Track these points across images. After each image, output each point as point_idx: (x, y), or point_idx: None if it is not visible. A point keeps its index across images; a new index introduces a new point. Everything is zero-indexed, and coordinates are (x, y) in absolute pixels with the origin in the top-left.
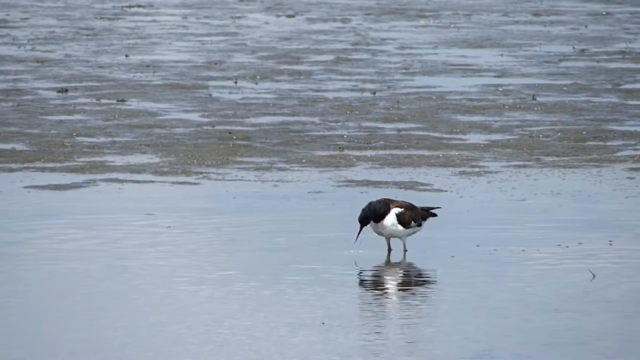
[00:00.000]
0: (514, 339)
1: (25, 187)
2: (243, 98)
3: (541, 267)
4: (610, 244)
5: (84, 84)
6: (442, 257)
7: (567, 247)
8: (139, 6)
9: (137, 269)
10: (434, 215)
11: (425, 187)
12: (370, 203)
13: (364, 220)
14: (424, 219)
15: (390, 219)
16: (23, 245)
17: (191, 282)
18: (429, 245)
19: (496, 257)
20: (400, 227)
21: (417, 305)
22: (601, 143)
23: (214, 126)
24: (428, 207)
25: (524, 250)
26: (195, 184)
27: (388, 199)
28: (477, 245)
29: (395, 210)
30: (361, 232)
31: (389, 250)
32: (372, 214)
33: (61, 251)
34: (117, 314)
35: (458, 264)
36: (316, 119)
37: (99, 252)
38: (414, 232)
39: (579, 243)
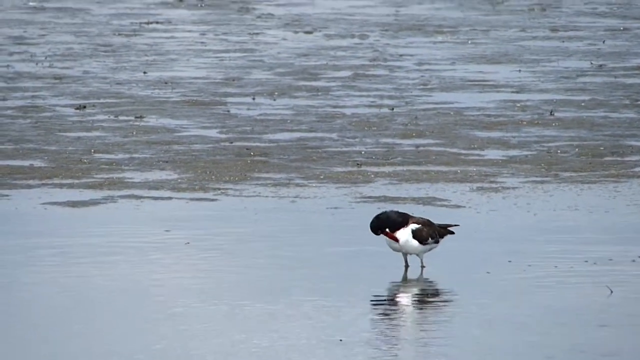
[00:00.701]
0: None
1: (43, 204)
2: (261, 114)
3: (569, 282)
4: (634, 261)
5: (102, 100)
6: (465, 273)
7: (594, 263)
8: (157, 22)
9: (156, 285)
10: (452, 232)
11: (443, 203)
12: (386, 211)
13: (375, 230)
14: (442, 236)
15: (405, 234)
16: (41, 261)
17: (209, 298)
18: (449, 260)
19: (527, 273)
20: (415, 243)
21: (435, 321)
22: (619, 158)
23: (232, 142)
24: (446, 225)
25: (556, 267)
26: (213, 200)
27: (407, 214)
28: (509, 261)
29: (412, 227)
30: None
31: (406, 266)
32: (386, 222)
33: (79, 267)
34: (130, 330)
35: (483, 280)
36: (334, 135)
37: (116, 268)
38: (431, 249)
39: (609, 259)
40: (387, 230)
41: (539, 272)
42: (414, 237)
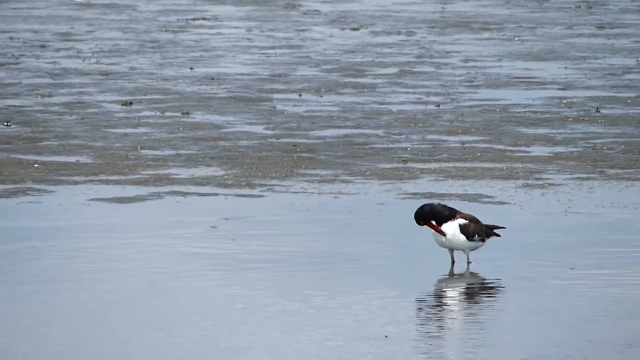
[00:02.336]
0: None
1: (89, 200)
2: (307, 111)
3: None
4: None
5: (148, 96)
6: (511, 270)
7: None
8: (203, 19)
9: (202, 281)
10: (498, 235)
11: (489, 200)
12: (432, 203)
13: (419, 220)
14: (488, 236)
15: (452, 228)
16: (86, 258)
17: (257, 294)
18: (495, 257)
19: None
20: (462, 238)
21: (481, 316)
22: None
23: (278, 139)
24: (493, 225)
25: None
26: (259, 196)
27: (454, 209)
28: (572, 268)
29: (459, 221)
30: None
31: (452, 262)
32: (431, 214)
33: (125, 263)
34: (174, 325)
35: (530, 276)
36: (380, 132)
37: (163, 264)
38: (477, 247)
39: None
40: (433, 222)
41: (586, 268)
42: (462, 232)
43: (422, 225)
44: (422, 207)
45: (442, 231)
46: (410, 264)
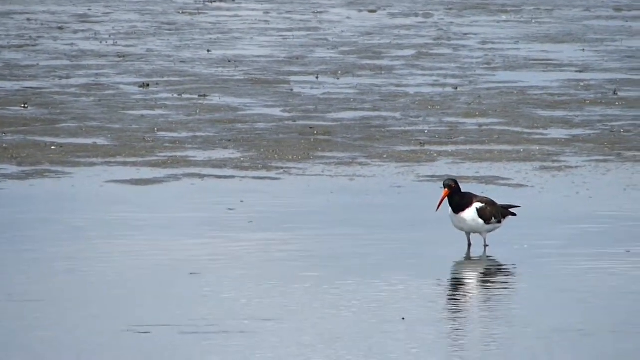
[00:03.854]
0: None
1: (106, 182)
2: (324, 93)
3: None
4: None
5: (165, 78)
6: (525, 254)
7: None
8: (221, 1)
9: (220, 264)
10: (514, 214)
11: (506, 182)
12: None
13: (448, 186)
14: (504, 217)
15: (471, 213)
16: (104, 239)
17: (275, 277)
18: (511, 239)
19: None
20: (480, 222)
21: (498, 298)
22: None
23: (295, 121)
24: (507, 205)
25: (628, 251)
26: (276, 179)
27: (471, 193)
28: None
29: (476, 205)
30: (444, 200)
31: (469, 245)
32: (458, 197)
33: (142, 246)
34: (195, 306)
35: (543, 259)
36: (397, 114)
37: (180, 246)
38: (494, 229)
39: None
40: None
41: (600, 253)
42: (479, 215)
43: (453, 187)
44: (452, 180)
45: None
46: (427, 246)
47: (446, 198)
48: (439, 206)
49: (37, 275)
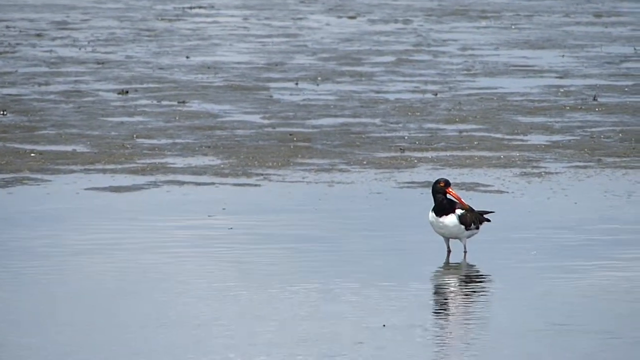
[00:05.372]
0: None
1: (86, 189)
2: (304, 99)
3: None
4: None
5: (144, 85)
6: (504, 260)
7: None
8: (200, 7)
9: (199, 270)
10: (488, 220)
11: (486, 188)
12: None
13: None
14: (481, 223)
15: (453, 219)
16: (85, 246)
17: (253, 282)
18: (490, 246)
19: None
20: (462, 227)
21: (477, 304)
22: None
23: (274, 128)
24: (482, 211)
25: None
26: (256, 185)
27: (452, 200)
28: (533, 253)
29: (458, 212)
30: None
31: (449, 251)
32: (446, 200)
33: (121, 251)
34: (171, 312)
35: (521, 265)
36: (377, 121)
37: (159, 253)
38: (473, 235)
39: None
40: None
41: (578, 258)
42: (460, 221)
43: (444, 187)
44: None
45: (458, 197)
46: (407, 253)
47: (434, 199)
48: (462, 202)
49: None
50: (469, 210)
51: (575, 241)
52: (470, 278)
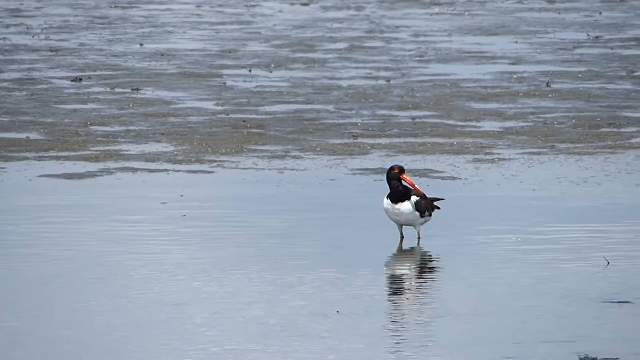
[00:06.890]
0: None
1: (39, 177)
2: (257, 86)
3: (564, 256)
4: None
5: (98, 73)
6: (457, 246)
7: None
8: None
9: (152, 258)
10: (439, 208)
11: (440, 175)
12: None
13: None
14: (433, 210)
15: (409, 206)
16: (36, 235)
17: (206, 270)
18: (443, 232)
19: (519, 244)
20: (417, 214)
21: (432, 289)
22: (615, 130)
23: (228, 115)
24: (434, 198)
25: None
26: (209, 172)
27: (407, 187)
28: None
29: (413, 199)
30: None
31: (402, 238)
32: (402, 187)
33: (75, 240)
34: (126, 304)
35: (475, 249)
36: (331, 107)
37: (112, 241)
38: (426, 222)
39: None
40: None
41: (530, 243)
42: (416, 208)
43: (399, 174)
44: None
45: (413, 184)
46: (361, 240)
47: (389, 186)
48: (417, 188)
49: None
50: (423, 197)
51: (530, 225)
52: (425, 264)
